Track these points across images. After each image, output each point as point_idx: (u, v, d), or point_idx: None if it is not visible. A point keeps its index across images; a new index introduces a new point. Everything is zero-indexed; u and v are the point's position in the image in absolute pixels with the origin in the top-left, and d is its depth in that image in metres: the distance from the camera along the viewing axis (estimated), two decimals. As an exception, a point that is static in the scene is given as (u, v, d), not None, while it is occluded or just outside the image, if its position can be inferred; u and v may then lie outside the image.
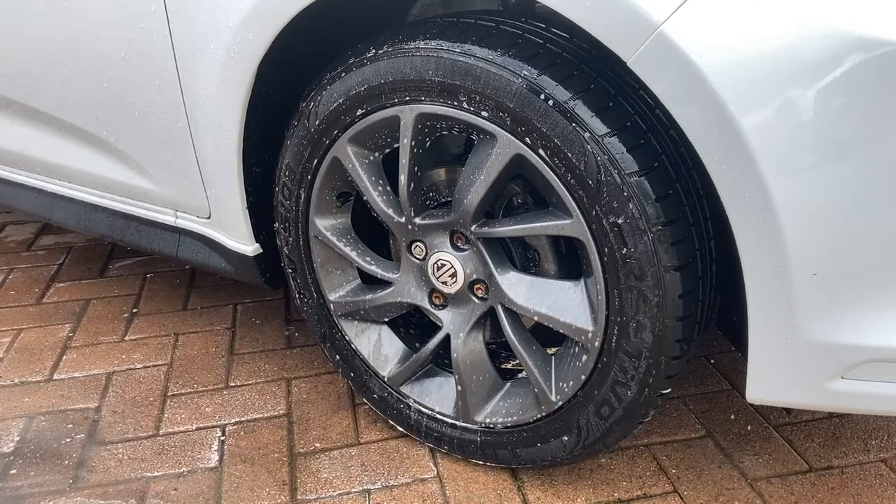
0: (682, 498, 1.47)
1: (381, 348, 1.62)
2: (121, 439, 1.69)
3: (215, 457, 1.63)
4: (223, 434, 1.70)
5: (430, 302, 1.51)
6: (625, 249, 1.20)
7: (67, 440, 1.69)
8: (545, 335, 1.43)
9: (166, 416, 1.76)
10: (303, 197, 1.52)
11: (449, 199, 1.44)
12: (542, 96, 1.18)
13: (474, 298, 1.44)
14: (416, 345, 1.60)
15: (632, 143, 1.17)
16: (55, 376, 1.93)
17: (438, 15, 1.44)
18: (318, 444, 1.65)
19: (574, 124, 1.17)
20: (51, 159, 1.94)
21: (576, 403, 1.37)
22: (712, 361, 1.87)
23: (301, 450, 1.64)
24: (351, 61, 1.36)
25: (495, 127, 1.25)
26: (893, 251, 1.07)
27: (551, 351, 1.44)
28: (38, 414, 1.78)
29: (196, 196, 1.67)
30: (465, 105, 1.26)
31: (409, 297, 1.52)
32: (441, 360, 1.58)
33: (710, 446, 1.60)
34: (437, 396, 1.57)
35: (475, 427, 1.50)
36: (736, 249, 1.11)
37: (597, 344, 1.30)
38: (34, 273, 2.47)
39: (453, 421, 1.54)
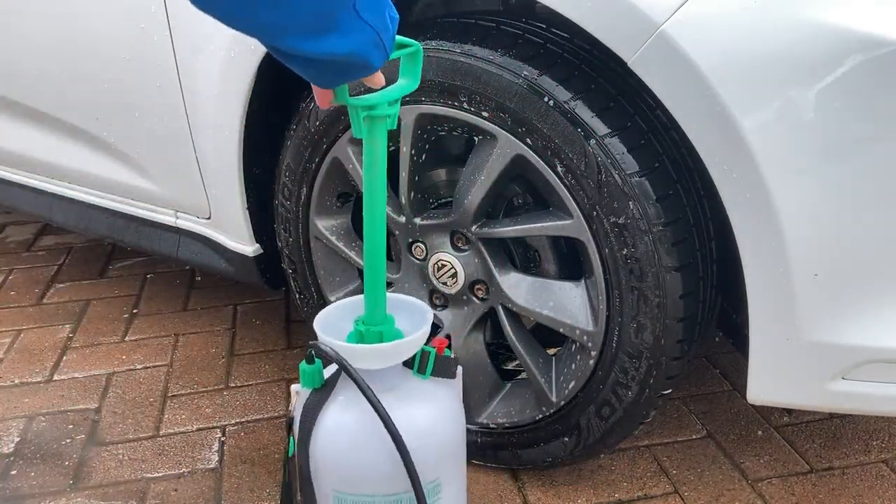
0: (682, 499, 1.47)
1: (381, 349, 1.61)
2: (121, 440, 1.69)
3: (215, 457, 1.62)
4: (223, 435, 1.69)
5: (431, 302, 1.50)
6: (625, 250, 1.20)
7: (67, 441, 1.69)
8: (545, 336, 1.43)
9: (166, 416, 1.76)
10: (303, 197, 1.51)
11: (449, 199, 1.44)
12: (543, 97, 1.18)
13: (475, 299, 1.44)
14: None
15: (632, 143, 1.17)
16: (55, 377, 1.92)
17: (439, 15, 1.44)
18: (318, 445, 1.65)
19: (575, 125, 1.17)
20: (51, 159, 1.94)
21: (576, 404, 1.36)
22: (713, 362, 1.87)
23: (301, 450, 1.64)
24: (351, 62, 1.35)
25: (496, 127, 1.25)
26: (894, 252, 1.07)
27: (552, 352, 1.43)
28: (38, 414, 1.78)
29: (196, 196, 1.67)
30: (465, 105, 1.26)
31: (410, 297, 1.52)
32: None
33: (710, 447, 1.60)
34: (437, 397, 1.57)
35: (476, 428, 1.50)
36: (737, 250, 1.11)
37: (597, 345, 1.30)
38: (34, 273, 2.47)
39: (454, 422, 1.53)
